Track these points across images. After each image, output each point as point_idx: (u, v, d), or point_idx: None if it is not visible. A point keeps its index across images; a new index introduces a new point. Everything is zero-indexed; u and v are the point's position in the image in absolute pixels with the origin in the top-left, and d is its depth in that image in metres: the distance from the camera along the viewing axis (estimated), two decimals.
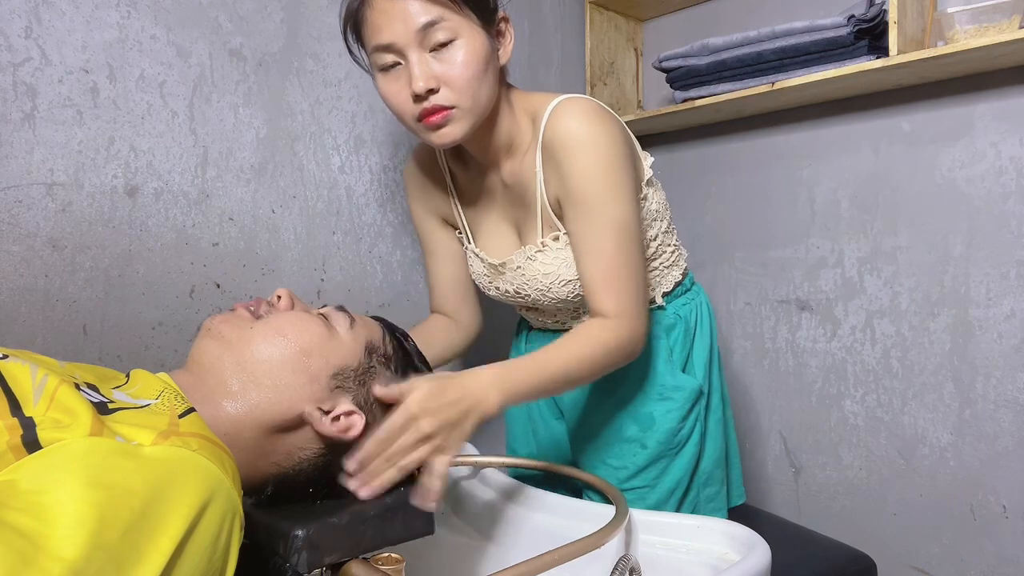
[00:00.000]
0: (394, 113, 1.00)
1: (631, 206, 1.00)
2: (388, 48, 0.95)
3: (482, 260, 1.18)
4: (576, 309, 1.16)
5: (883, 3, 1.33)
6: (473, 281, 1.24)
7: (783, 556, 1.05)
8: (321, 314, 0.80)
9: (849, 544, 1.33)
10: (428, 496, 0.78)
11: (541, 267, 1.09)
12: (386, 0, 0.93)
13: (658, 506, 1.14)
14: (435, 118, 0.95)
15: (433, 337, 1.21)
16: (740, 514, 1.29)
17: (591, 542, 0.78)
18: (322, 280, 1.35)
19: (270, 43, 1.27)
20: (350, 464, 0.77)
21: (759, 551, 0.83)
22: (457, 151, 1.15)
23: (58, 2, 1.06)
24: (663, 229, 1.14)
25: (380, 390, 0.79)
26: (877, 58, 1.29)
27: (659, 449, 1.13)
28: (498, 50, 1.02)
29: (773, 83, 1.41)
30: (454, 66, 0.94)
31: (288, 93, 1.30)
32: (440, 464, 0.79)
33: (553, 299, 1.12)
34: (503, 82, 1.06)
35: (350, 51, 1.03)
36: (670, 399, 1.14)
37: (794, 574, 1.17)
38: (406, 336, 0.88)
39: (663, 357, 1.16)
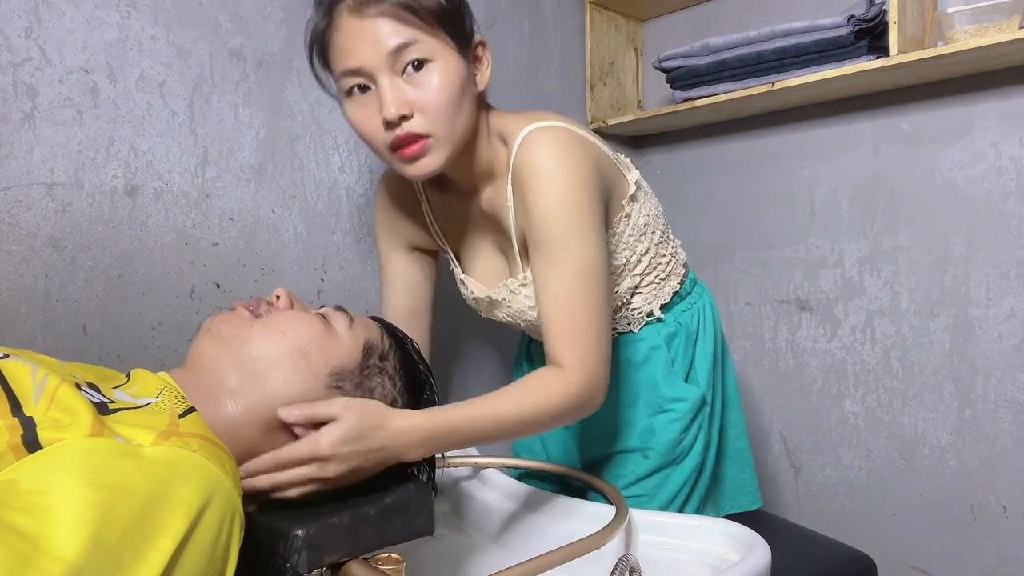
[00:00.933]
0: (365, 142, 0.94)
1: (596, 249, 0.92)
2: (357, 72, 0.88)
3: (469, 288, 1.14)
4: None
5: (883, 3, 1.33)
6: (426, 312, 1.19)
7: (783, 556, 1.05)
8: (320, 314, 0.81)
9: (849, 544, 1.33)
10: None
11: (527, 301, 1.05)
12: (354, 21, 0.86)
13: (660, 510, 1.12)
14: (411, 149, 0.89)
15: None
16: (740, 514, 1.29)
17: (591, 542, 0.78)
18: (322, 280, 1.35)
19: (270, 43, 1.27)
20: (249, 466, 0.73)
21: (759, 551, 0.83)
22: (435, 176, 1.04)
23: (58, 2, 1.06)
24: (655, 241, 1.10)
25: (297, 413, 0.73)
26: (877, 58, 1.29)
27: (661, 460, 1.12)
28: (475, 75, 0.95)
29: (773, 83, 1.41)
30: (428, 91, 0.87)
31: (288, 93, 1.30)
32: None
33: None
34: (482, 106, 1.00)
35: (316, 77, 0.96)
36: (671, 411, 1.12)
37: (794, 574, 1.17)
38: (405, 336, 0.88)
39: (663, 369, 1.13)
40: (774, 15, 1.57)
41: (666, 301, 1.14)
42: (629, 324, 1.14)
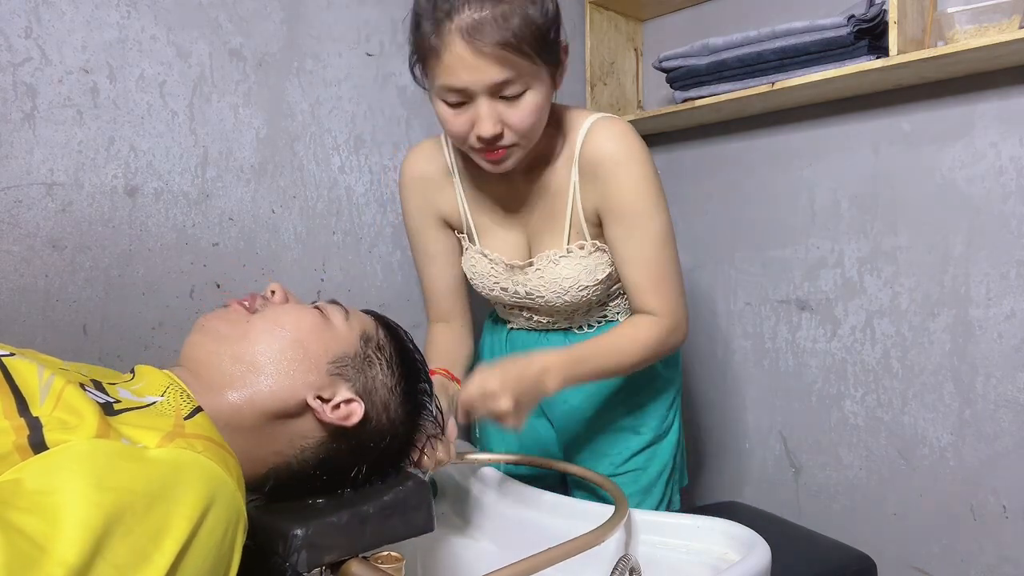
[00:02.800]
0: (446, 131, 1.02)
1: (667, 216, 1.09)
2: (459, 91, 0.95)
3: (491, 260, 1.18)
4: (573, 313, 1.20)
5: (883, 3, 1.33)
6: (467, 284, 1.26)
7: (783, 556, 1.05)
8: (315, 306, 0.81)
9: (849, 544, 1.33)
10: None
11: (563, 271, 1.13)
12: (465, 49, 0.91)
13: (650, 486, 1.21)
14: (496, 155, 1.00)
15: (457, 352, 1.24)
16: (740, 513, 1.29)
17: (591, 539, 0.78)
18: (322, 280, 1.35)
19: (270, 43, 1.28)
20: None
21: (759, 551, 0.83)
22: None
23: (58, 2, 1.06)
24: None
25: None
26: (877, 58, 1.29)
27: (652, 435, 1.22)
28: (557, 81, 1.03)
29: (773, 83, 1.41)
30: (521, 114, 0.97)
31: (288, 93, 1.30)
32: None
33: (567, 302, 1.15)
34: None
35: (412, 71, 1.03)
36: (659, 389, 1.23)
37: (794, 574, 1.17)
38: (398, 327, 0.88)
39: None
40: (774, 15, 1.57)
41: None
42: (618, 314, 1.22)
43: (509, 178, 1.13)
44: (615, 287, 1.19)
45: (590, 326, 1.22)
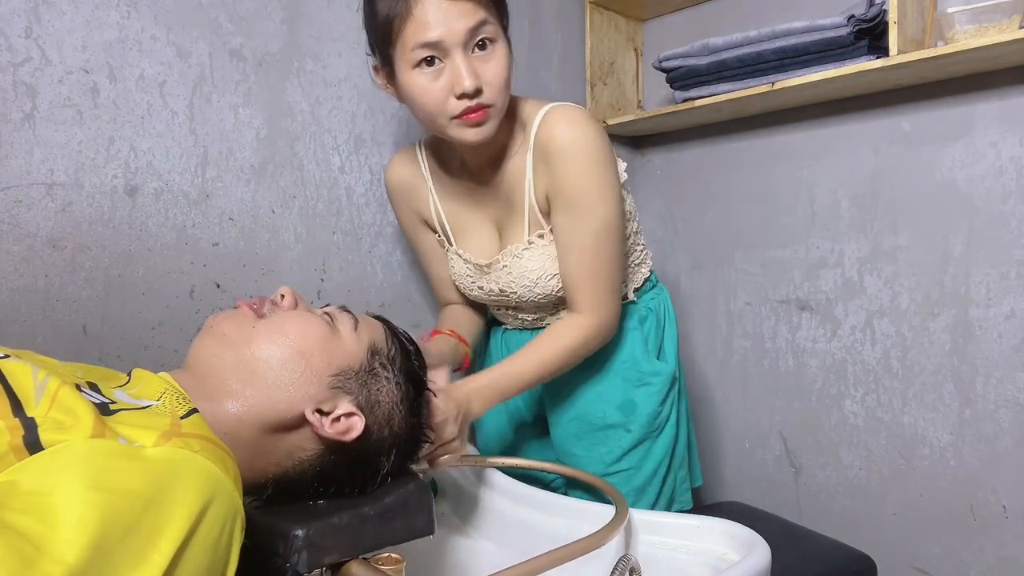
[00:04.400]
0: (423, 109, 1.02)
1: (616, 206, 1.07)
2: (434, 46, 0.96)
3: (465, 261, 1.21)
4: (556, 305, 1.20)
5: (883, 3, 1.33)
6: None
7: (783, 556, 1.05)
8: (326, 313, 0.80)
9: (849, 544, 1.33)
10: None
11: (528, 263, 1.14)
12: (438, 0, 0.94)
13: (644, 486, 1.20)
14: (476, 116, 1.00)
15: (467, 326, 1.28)
16: (740, 513, 1.29)
17: (591, 542, 0.78)
18: (322, 280, 1.35)
19: (270, 43, 1.27)
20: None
21: (759, 551, 0.83)
22: (439, 154, 1.21)
23: (58, 2, 1.06)
24: (634, 230, 1.22)
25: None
26: (877, 58, 1.29)
27: (642, 432, 1.20)
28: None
29: (773, 83, 1.41)
30: (496, 67, 0.99)
31: (288, 93, 1.30)
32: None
33: (539, 294, 1.16)
34: None
35: (372, 69, 1.07)
36: (649, 384, 1.21)
37: (794, 574, 1.17)
38: (408, 338, 0.87)
39: (640, 346, 1.22)
40: (774, 15, 1.57)
41: (639, 285, 1.26)
42: None
43: (471, 173, 1.15)
44: None
45: None
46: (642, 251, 1.27)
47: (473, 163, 1.15)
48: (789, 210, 1.61)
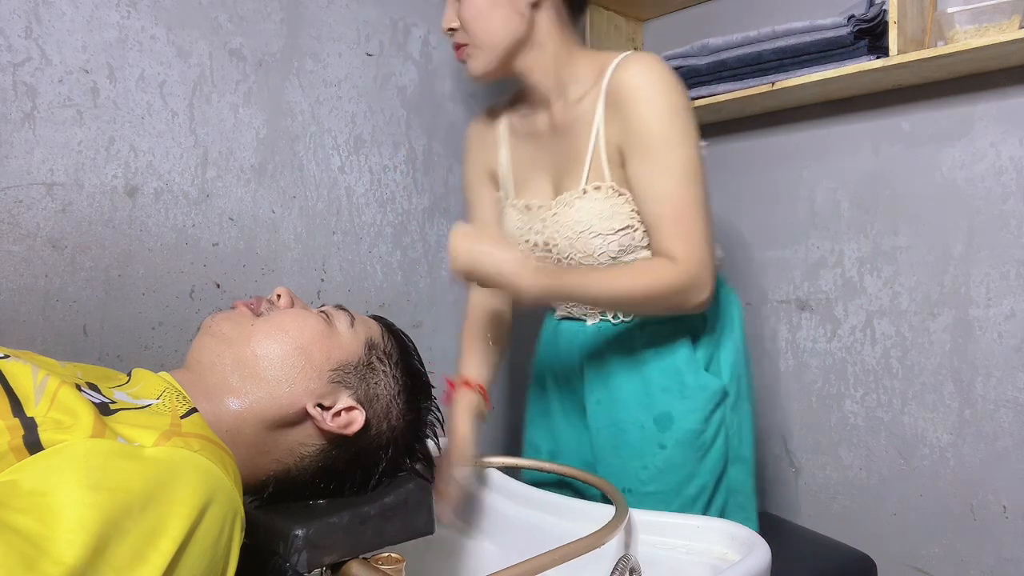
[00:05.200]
0: None
1: (696, 151, 1.04)
2: None
3: (519, 211, 1.18)
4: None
5: (883, 3, 1.33)
6: None
7: (783, 556, 1.05)
8: (322, 311, 0.81)
9: (849, 544, 1.33)
10: (446, 503, 0.96)
11: (576, 214, 1.08)
12: None
13: (681, 510, 1.08)
14: (459, 53, 1.11)
15: (495, 322, 1.25)
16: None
17: (591, 542, 0.78)
18: (322, 280, 1.35)
19: (270, 43, 1.27)
20: None
21: (759, 551, 0.83)
22: (517, 103, 1.21)
23: (58, 2, 1.06)
24: None
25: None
26: (877, 58, 1.29)
27: (680, 451, 1.09)
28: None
29: (773, 83, 1.41)
30: (466, 7, 1.06)
31: (288, 93, 1.30)
32: (459, 473, 0.96)
33: (579, 251, 1.09)
34: (561, 30, 1.11)
35: None
36: (690, 398, 1.10)
37: (794, 574, 1.17)
38: (404, 334, 0.88)
39: (683, 354, 1.11)
40: (774, 15, 1.57)
41: None
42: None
43: (538, 113, 1.16)
44: (640, 256, 1.09)
45: (626, 314, 1.13)
46: None
47: (538, 98, 1.15)
48: (789, 210, 1.61)
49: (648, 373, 1.12)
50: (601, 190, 1.07)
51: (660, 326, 1.13)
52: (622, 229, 1.06)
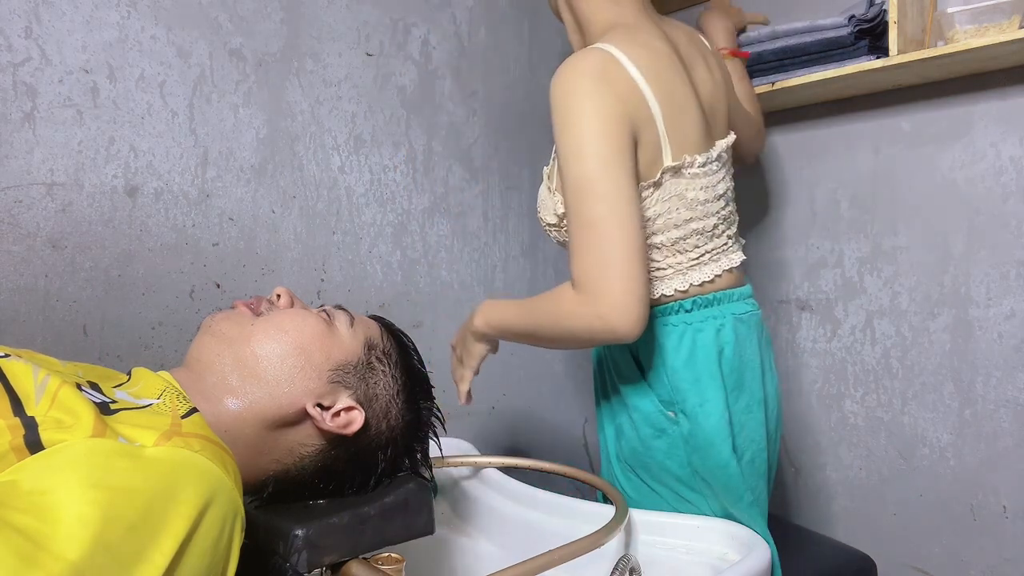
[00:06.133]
0: None
1: (594, 166, 0.90)
2: None
3: None
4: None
5: (883, 3, 1.33)
6: None
7: (783, 556, 1.05)
8: (322, 311, 0.81)
9: (849, 544, 1.33)
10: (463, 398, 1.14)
11: (537, 197, 1.13)
12: None
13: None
14: None
15: None
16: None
17: (591, 542, 0.78)
18: (322, 280, 1.35)
19: (270, 43, 1.27)
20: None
21: (759, 551, 0.83)
22: None
23: (58, 2, 1.06)
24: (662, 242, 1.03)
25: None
26: (877, 58, 1.29)
27: (632, 473, 1.08)
28: None
29: (773, 83, 1.41)
30: None
31: (288, 93, 1.30)
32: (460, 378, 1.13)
33: (541, 218, 1.11)
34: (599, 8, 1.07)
35: None
36: (633, 411, 1.07)
37: (794, 574, 1.17)
38: (403, 334, 0.88)
39: (646, 393, 1.05)
40: (774, 16, 1.57)
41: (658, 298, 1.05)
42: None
43: None
44: None
45: None
46: (669, 257, 1.05)
47: None
48: (789, 210, 1.61)
49: (621, 405, 1.11)
50: (552, 179, 1.06)
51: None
52: (561, 218, 1.04)
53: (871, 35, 1.32)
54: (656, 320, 1.05)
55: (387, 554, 0.78)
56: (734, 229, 1.15)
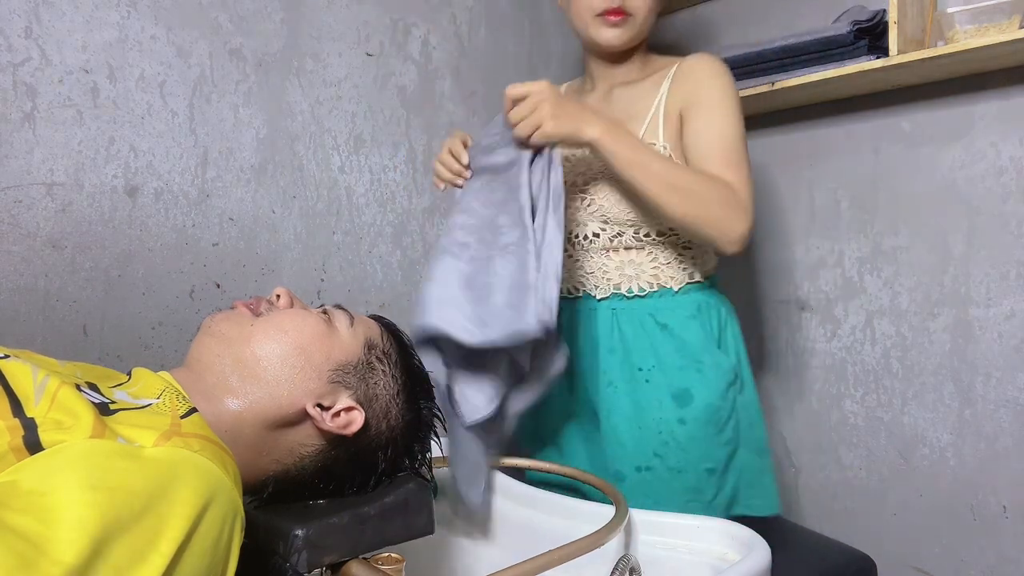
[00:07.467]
0: (574, 9, 1.19)
1: (744, 126, 1.17)
2: None
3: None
4: (623, 265, 1.20)
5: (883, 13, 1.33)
6: None
7: (783, 556, 1.05)
8: (322, 310, 0.81)
9: (849, 544, 1.33)
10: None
11: None
12: None
13: (698, 486, 1.13)
14: (616, 17, 1.16)
15: None
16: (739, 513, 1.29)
17: (591, 541, 0.78)
18: (322, 280, 1.35)
19: (270, 43, 1.28)
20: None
21: (759, 551, 0.83)
22: (580, 87, 1.32)
23: (58, 2, 1.06)
24: None
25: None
26: (877, 58, 1.29)
27: (699, 427, 1.14)
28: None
29: (773, 83, 1.41)
30: None
31: (288, 93, 1.30)
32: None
33: (618, 210, 1.17)
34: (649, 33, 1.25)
35: None
36: (705, 373, 1.16)
37: (794, 574, 1.17)
38: (403, 334, 0.88)
39: (698, 333, 1.18)
40: (775, 16, 1.57)
41: (709, 272, 1.24)
42: (671, 277, 1.20)
43: (593, 99, 1.26)
44: (666, 238, 1.18)
45: (641, 288, 1.19)
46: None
47: (608, 76, 1.26)
48: (789, 210, 1.61)
49: (663, 352, 1.17)
50: (655, 147, 1.16)
51: (672, 303, 1.19)
52: None
53: (871, 35, 1.32)
54: (712, 290, 1.25)
55: (387, 554, 0.78)
56: None
